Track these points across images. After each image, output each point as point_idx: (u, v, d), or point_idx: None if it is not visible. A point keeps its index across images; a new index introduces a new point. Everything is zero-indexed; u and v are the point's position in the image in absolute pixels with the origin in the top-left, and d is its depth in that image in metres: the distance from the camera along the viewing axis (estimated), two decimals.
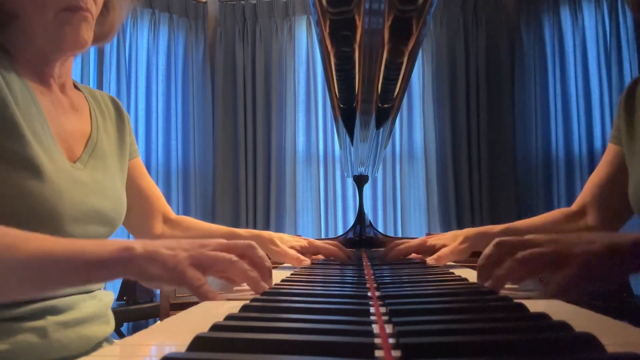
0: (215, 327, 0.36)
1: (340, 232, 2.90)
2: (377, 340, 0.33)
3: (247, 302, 0.46)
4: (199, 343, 0.31)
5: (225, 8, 3.37)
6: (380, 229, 1.86)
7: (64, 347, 0.68)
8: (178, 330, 0.43)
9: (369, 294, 0.53)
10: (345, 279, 0.70)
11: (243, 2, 3.36)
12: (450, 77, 3.24)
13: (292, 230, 3.17)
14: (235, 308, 0.44)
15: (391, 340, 0.34)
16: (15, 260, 0.52)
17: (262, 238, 1.02)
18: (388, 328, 0.37)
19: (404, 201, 3.23)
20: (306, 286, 0.63)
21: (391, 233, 3.18)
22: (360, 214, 1.67)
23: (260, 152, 3.27)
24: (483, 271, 0.62)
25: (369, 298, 0.50)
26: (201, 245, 0.58)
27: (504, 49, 3.26)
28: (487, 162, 3.19)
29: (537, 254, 0.56)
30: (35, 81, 0.75)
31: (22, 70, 0.73)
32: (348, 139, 1.27)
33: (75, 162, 0.75)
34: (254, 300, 0.49)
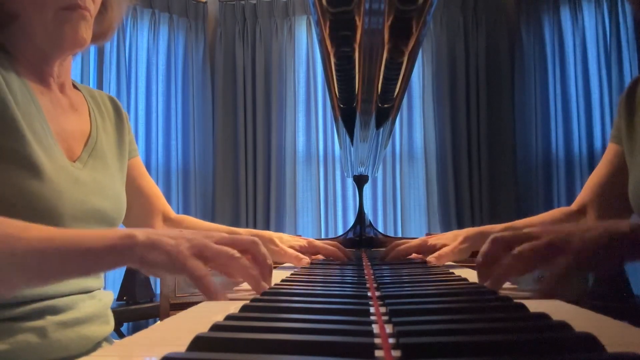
0: (215, 327, 0.36)
1: (340, 232, 2.90)
2: (377, 340, 0.33)
3: (247, 302, 0.46)
4: (199, 343, 0.31)
5: (225, 8, 3.37)
6: (380, 229, 1.86)
7: (64, 347, 0.68)
8: (178, 330, 0.43)
9: (369, 294, 0.53)
10: (345, 279, 0.70)
11: (243, 2, 3.36)
12: (450, 77, 3.24)
13: (292, 230, 3.17)
14: (235, 308, 0.44)
15: (391, 340, 0.33)
16: (15, 249, 0.52)
17: (262, 238, 1.02)
18: (388, 328, 0.37)
19: (404, 201, 3.23)
20: (306, 286, 0.63)
21: (391, 233, 3.18)
22: (360, 214, 1.67)
23: (260, 152, 3.28)
24: (482, 269, 0.62)
25: (369, 298, 0.50)
26: (205, 237, 0.57)
27: (504, 49, 3.26)
28: (487, 162, 3.19)
29: (534, 247, 0.56)
30: (34, 81, 0.75)
31: (22, 70, 0.73)
32: (348, 139, 1.27)
33: (74, 162, 0.75)
34: (254, 300, 0.49)
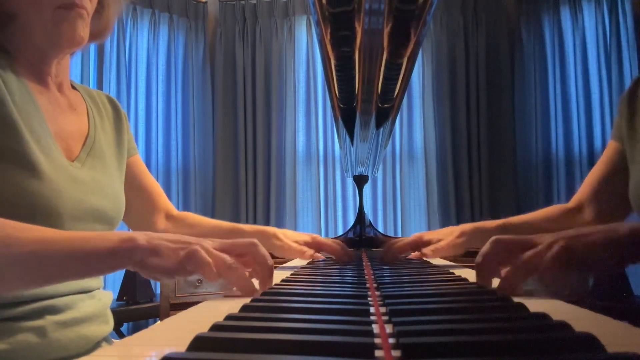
0: (215, 327, 0.36)
1: (340, 232, 2.90)
2: (377, 340, 0.33)
3: (247, 302, 0.46)
4: (199, 343, 0.31)
5: (225, 8, 3.37)
6: (380, 229, 1.86)
7: (63, 347, 0.68)
8: (178, 330, 0.43)
9: (369, 294, 0.53)
10: (345, 279, 0.70)
11: (243, 2, 3.36)
12: (450, 77, 3.24)
13: (292, 230, 3.17)
14: (235, 308, 0.44)
15: (391, 340, 0.33)
16: (15, 251, 0.52)
17: (266, 233, 1.02)
18: (388, 328, 0.37)
19: (404, 201, 3.23)
20: (306, 286, 0.63)
21: (391, 233, 3.18)
22: (360, 214, 1.67)
23: (260, 152, 3.27)
24: (481, 269, 0.62)
25: (369, 298, 0.50)
26: (205, 242, 0.58)
27: (504, 49, 3.25)
28: (487, 162, 3.19)
29: (539, 253, 0.56)
30: (33, 80, 0.75)
31: (20, 69, 0.73)
32: (348, 139, 1.27)
33: (73, 161, 0.75)
34: (254, 300, 0.49)
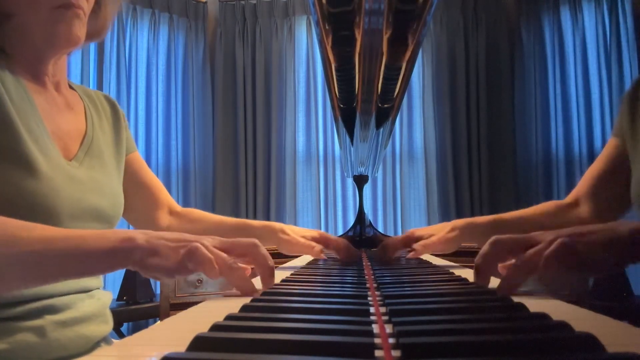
0: (215, 327, 0.36)
1: (340, 232, 2.90)
2: (377, 340, 0.33)
3: (247, 302, 0.46)
4: (199, 343, 0.31)
5: (225, 8, 3.37)
6: (380, 229, 1.86)
7: (63, 347, 0.68)
8: (178, 330, 0.43)
9: (369, 294, 0.53)
10: (345, 279, 0.70)
11: (243, 2, 3.36)
12: (450, 77, 3.24)
13: None
14: (235, 308, 0.44)
15: (391, 340, 0.33)
16: (15, 249, 0.52)
17: (273, 228, 1.00)
18: (388, 328, 0.37)
19: (404, 201, 3.23)
20: (306, 286, 0.63)
21: (391, 233, 3.18)
22: (360, 214, 1.67)
23: (260, 152, 3.27)
24: (481, 270, 0.62)
25: (369, 298, 0.50)
26: (206, 240, 0.57)
27: (504, 49, 3.26)
28: (487, 162, 3.19)
29: (540, 251, 0.55)
30: (30, 80, 0.75)
31: (17, 69, 0.73)
32: (348, 139, 1.27)
33: (71, 161, 0.75)
34: (254, 300, 0.49)
